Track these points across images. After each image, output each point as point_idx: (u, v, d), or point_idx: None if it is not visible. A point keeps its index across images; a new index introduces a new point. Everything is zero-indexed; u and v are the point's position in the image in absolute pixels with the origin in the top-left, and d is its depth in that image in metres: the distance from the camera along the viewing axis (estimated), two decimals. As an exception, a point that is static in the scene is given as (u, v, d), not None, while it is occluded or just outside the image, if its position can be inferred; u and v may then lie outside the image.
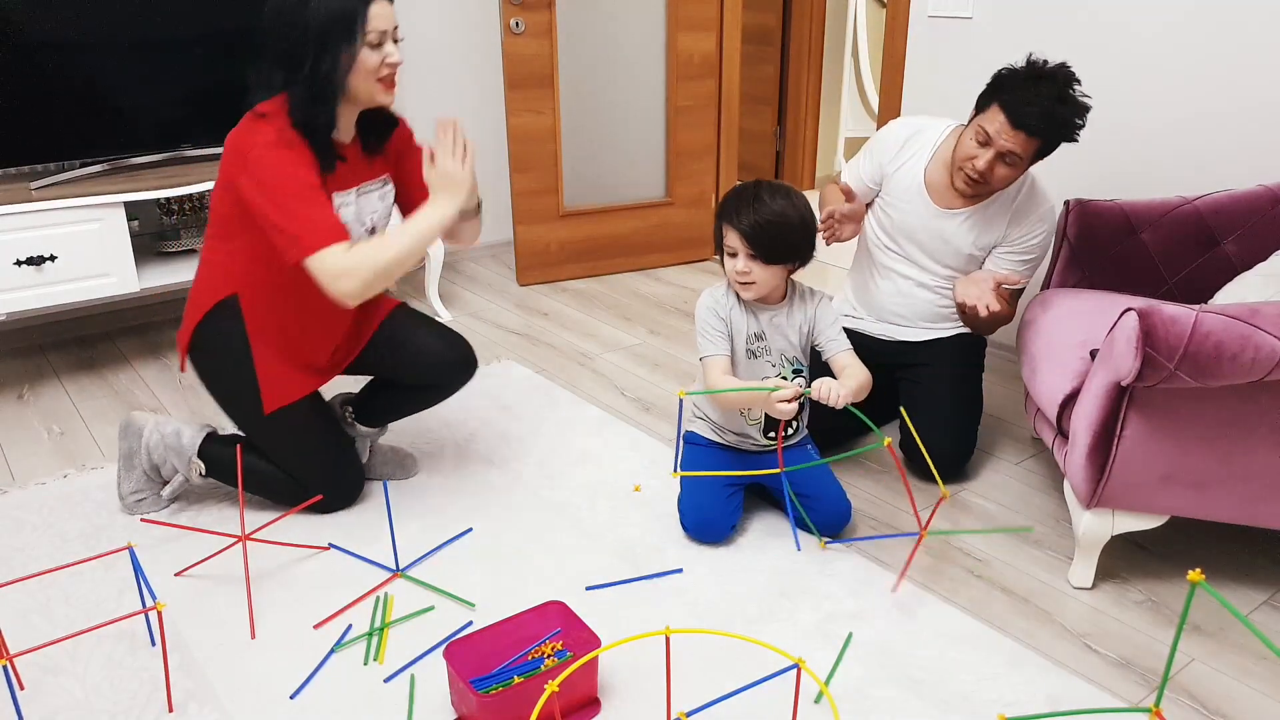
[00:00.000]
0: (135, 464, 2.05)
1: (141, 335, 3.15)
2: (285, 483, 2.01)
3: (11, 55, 2.59)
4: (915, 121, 2.30)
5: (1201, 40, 2.33)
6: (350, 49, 1.71)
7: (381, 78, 1.78)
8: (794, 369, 1.99)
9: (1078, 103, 1.95)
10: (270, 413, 1.91)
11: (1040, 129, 1.96)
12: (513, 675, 1.51)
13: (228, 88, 2.95)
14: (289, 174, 1.71)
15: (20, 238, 2.49)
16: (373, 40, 1.73)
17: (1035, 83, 1.95)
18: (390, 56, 1.76)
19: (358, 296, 1.73)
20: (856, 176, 2.34)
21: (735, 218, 1.83)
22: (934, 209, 2.20)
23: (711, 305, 1.94)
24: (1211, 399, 1.60)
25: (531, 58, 3.32)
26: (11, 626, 1.72)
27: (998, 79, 2.02)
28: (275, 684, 1.59)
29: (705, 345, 1.92)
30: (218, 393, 1.98)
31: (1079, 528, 1.80)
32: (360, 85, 1.77)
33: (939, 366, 2.26)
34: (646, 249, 3.80)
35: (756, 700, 1.53)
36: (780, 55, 4.93)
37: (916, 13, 2.92)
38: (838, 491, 2.00)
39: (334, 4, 1.69)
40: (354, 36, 1.71)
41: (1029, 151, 2.01)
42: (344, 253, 1.71)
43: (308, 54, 1.70)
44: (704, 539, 1.97)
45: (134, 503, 2.06)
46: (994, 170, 2.04)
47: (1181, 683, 1.60)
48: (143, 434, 2.03)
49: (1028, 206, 2.17)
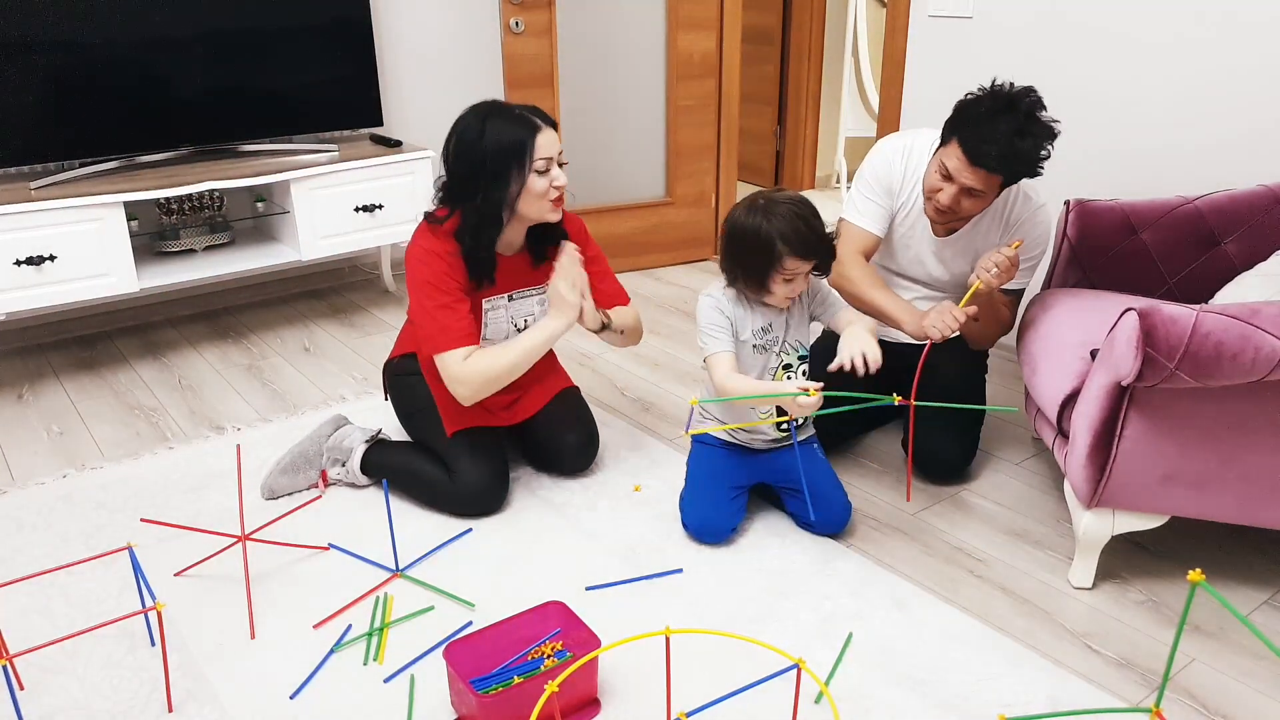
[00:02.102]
0: (307, 464, 2.15)
1: (141, 335, 3.15)
2: (432, 486, 2.07)
3: (11, 54, 2.59)
4: (899, 146, 2.20)
5: (1201, 40, 2.33)
6: (520, 177, 1.89)
7: (551, 200, 1.94)
8: (799, 355, 1.99)
9: (1039, 132, 1.87)
10: (452, 435, 2.07)
11: (998, 167, 1.91)
12: (513, 675, 1.51)
13: (228, 87, 2.96)
14: (435, 282, 1.93)
15: (20, 237, 2.49)
16: (540, 168, 1.90)
17: (994, 118, 1.87)
18: (556, 180, 1.93)
19: (471, 399, 1.97)
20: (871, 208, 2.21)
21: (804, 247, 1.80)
22: (933, 239, 2.20)
23: (713, 304, 1.93)
24: (1211, 399, 1.60)
25: (531, 57, 3.32)
26: (11, 626, 1.72)
27: (958, 111, 1.96)
28: (275, 684, 1.59)
29: (710, 343, 1.90)
30: (401, 410, 2.22)
31: (1079, 528, 1.80)
32: (530, 207, 1.95)
33: (941, 370, 2.26)
34: (646, 249, 3.80)
35: (756, 700, 1.53)
36: (780, 55, 4.93)
37: (917, 12, 2.92)
38: (838, 490, 2.00)
39: (505, 137, 1.87)
40: (524, 165, 1.89)
41: (991, 186, 1.97)
42: (463, 360, 1.94)
43: (481, 183, 1.89)
44: (705, 540, 1.97)
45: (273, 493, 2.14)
46: (959, 203, 2.01)
47: (1181, 683, 1.60)
48: (332, 437, 2.18)
49: (1020, 214, 2.15)
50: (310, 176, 2.92)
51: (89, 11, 2.67)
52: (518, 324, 2.10)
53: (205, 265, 2.92)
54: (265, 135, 3.07)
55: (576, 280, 1.97)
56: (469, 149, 1.89)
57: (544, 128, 1.91)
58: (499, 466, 2.09)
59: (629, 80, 3.61)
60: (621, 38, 3.54)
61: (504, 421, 2.17)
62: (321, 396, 2.68)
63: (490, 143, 1.87)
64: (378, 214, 3.07)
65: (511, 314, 2.09)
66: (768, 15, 4.86)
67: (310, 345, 3.06)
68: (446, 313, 1.93)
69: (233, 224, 3.14)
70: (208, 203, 3.05)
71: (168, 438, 2.45)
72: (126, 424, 2.53)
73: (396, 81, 3.44)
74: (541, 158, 1.89)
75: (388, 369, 2.27)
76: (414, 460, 2.12)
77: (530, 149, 1.88)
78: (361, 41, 3.15)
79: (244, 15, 2.91)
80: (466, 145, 1.90)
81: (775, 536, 2.00)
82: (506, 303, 2.08)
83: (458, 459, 2.05)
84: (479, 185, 1.89)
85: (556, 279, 1.96)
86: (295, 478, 2.13)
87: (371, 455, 2.15)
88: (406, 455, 2.15)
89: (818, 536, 1.99)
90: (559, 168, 1.94)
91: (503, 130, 1.88)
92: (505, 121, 1.89)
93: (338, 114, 3.19)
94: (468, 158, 1.89)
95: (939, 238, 2.19)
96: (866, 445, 2.40)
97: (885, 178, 2.20)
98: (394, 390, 2.25)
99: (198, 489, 2.18)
